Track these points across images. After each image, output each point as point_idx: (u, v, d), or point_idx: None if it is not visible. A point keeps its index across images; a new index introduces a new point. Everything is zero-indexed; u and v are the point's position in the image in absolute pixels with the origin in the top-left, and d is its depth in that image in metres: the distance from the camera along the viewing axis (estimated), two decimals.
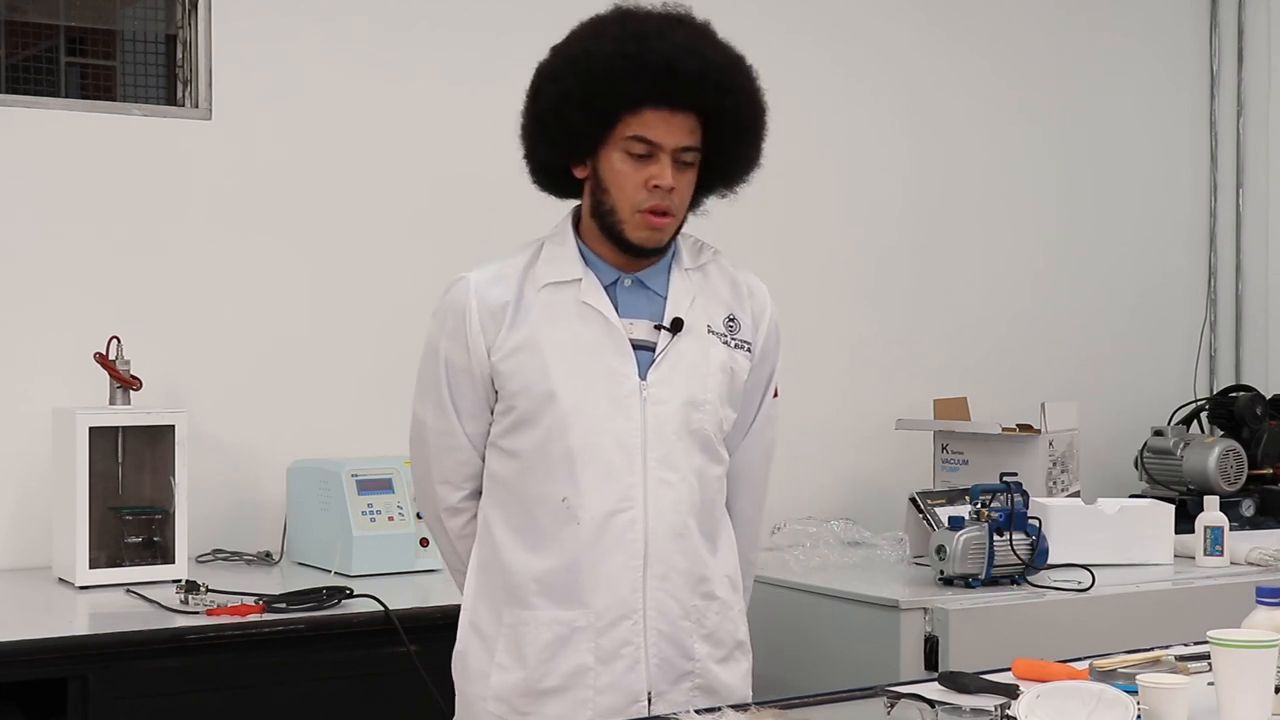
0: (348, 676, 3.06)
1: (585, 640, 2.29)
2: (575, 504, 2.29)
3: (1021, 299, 5.12)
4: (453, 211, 4.11)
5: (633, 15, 2.31)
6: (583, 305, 2.33)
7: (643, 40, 2.25)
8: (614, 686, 2.29)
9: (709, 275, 2.43)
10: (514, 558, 2.33)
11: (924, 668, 3.15)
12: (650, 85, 2.25)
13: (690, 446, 2.34)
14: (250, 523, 3.79)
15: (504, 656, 2.34)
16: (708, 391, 2.35)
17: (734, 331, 2.41)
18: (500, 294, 2.35)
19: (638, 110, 2.27)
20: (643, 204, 2.29)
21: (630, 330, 2.33)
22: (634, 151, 2.28)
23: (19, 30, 3.81)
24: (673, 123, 2.27)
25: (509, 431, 2.34)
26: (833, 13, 4.74)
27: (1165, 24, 5.47)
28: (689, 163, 2.31)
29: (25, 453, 3.58)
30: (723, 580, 2.40)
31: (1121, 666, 2.32)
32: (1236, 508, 4.56)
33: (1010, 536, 3.36)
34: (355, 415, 3.97)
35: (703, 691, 2.35)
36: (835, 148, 4.75)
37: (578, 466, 2.29)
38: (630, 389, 2.30)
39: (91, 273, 3.69)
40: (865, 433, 4.69)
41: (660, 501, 2.30)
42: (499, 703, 2.34)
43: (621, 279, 2.36)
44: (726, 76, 2.30)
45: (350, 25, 4.00)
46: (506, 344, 2.32)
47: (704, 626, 2.36)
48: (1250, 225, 5.49)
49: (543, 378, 2.30)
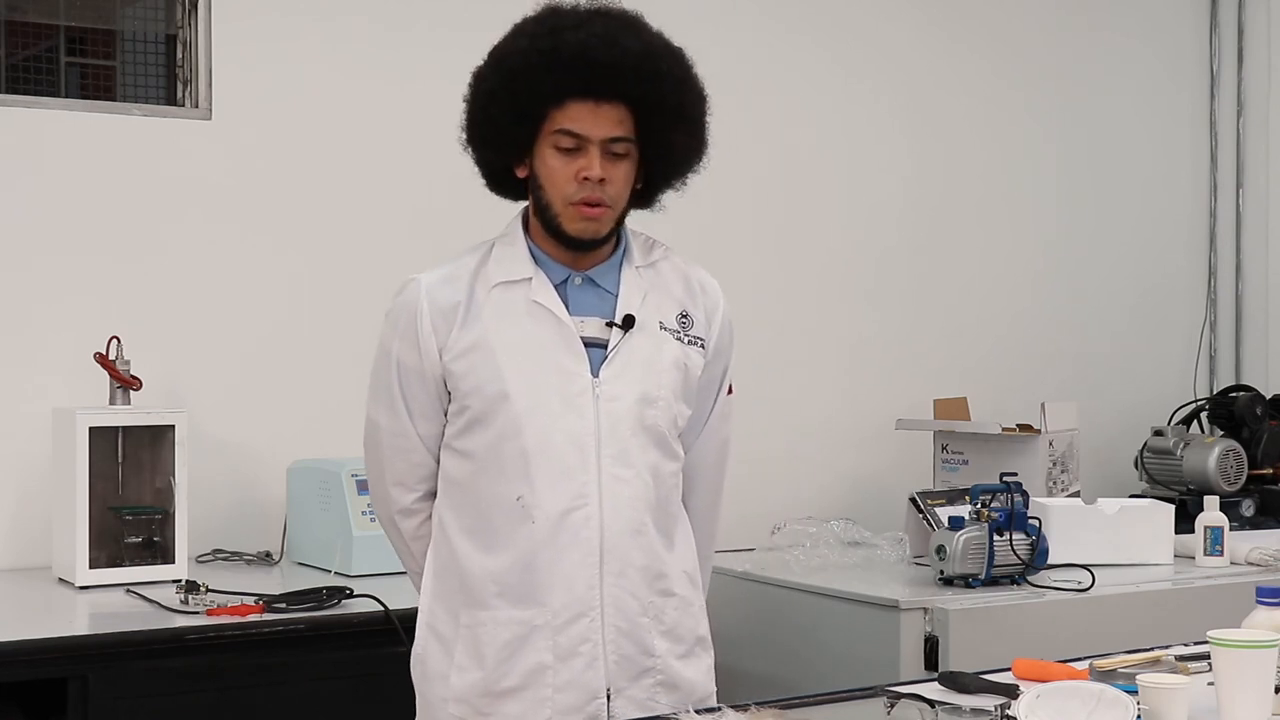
0: (348, 676, 3.06)
1: (543, 639, 2.29)
2: (530, 503, 2.29)
3: (1021, 299, 5.12)
4: (452, 211, 4.10)
5: (555, 11, 2.33)
6: (533, 304, 2.33)
7: (558, 34, 2.27)
8: (573, 684, 2.30)
9: (661, 272, 2.43)
10: (469, 559, 2.33)
11: (924, 668, 3.14)
12: (566, 77, 2.26)
13: (645, 443, 2.34)
14: (250, 523, 3.79)
15: (462, 658, 2.34)
16: (661, 388, 2.35)
17: (687, 328, 2.41)
18: (451, 294, 2.35)
19: (561, 104, 2.28)
20: (574, 196, 2.29)
21: (581, 328, 2.33)
22: (562, 145, 2.29)
23: (19, 30, 3.81)
24: (598, 114, 2.28)
25: (462, 432, 2.35)
26: (833, 13, 4.74)
27: (1165, 24, 5.47)
28: (620, 154, 2.31)
29: (25, 453, 3.58)
30: (680, 576, 2.40)
31: (1121, 666, 2.32)
32: (1236, 508, 4.56)
33: (1010, 536, 3.36)
34: (355, 415, 3.92)
35: (664, 687, 2.35)
36: (835, 148, 4.75)
37: (532, 465, 2.29)
38: (583, 386, 2.31)
39: (91, 273, 3.69)
40: (865, 433, 4.69)
41: (616, 498, 2.31)
42: (459, 704, 2.34)
43: (572, 277, 2.37)
44: (647, 63, 2.28)
45: (350, 25, 4.00)
46: (458, 344, 2.33)
47: (663, 623, 2.36)
48: (1250, 225, 5.49)
49: (495, 377, 2.30)
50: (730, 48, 4.39)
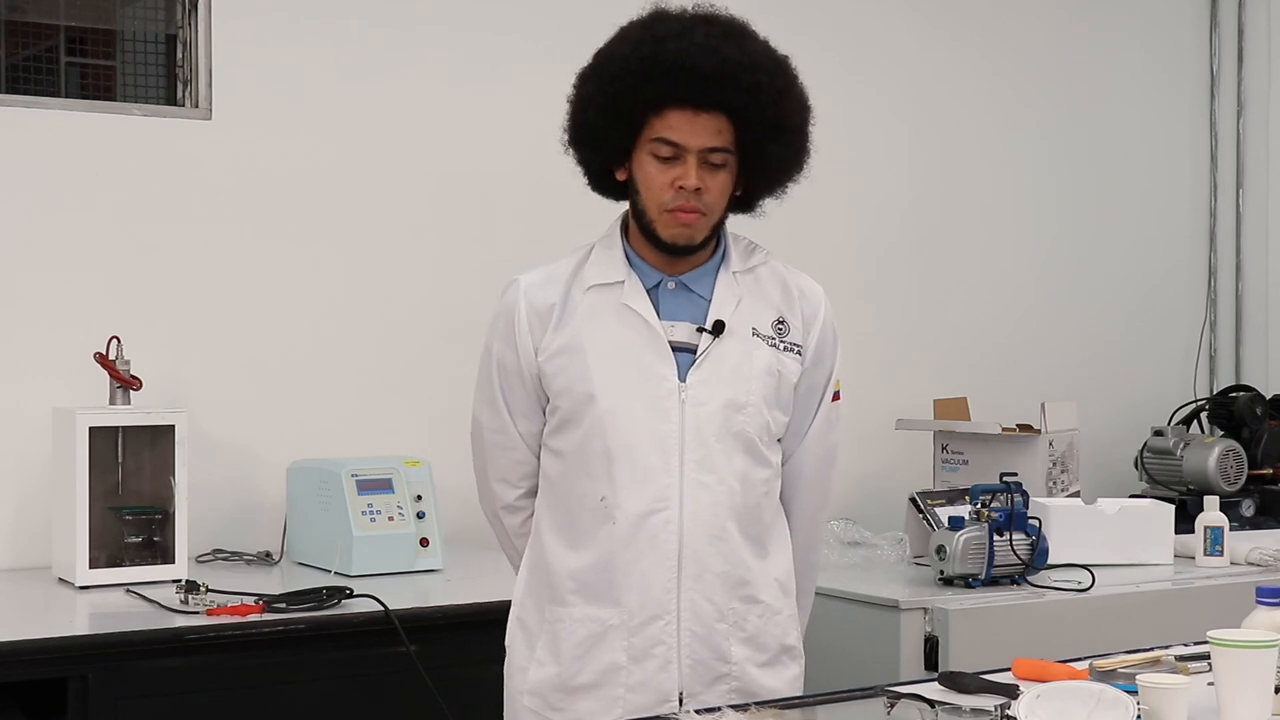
0: (348, 676, 3.06)
1: (618, 638, 2.32)
2: (612, 503, 2.31)
3: (1022, 299, 5.12)
4: (453, 212, 4.11)
5: (660, 18, 2.32)
6: (624, 307, 2.35)
7: (660, 42, 2.27)
8: (645, 685, 2.31)
9: (759, 278, 2.43)
10: (555, 556, 2.37)
11: (924, 668, 3.15)
12: (666, 86, 2.26)
13: (731, 449, 2.34)
14: (250, 523, 3.79)
15: (542, 652, 2.38)
16: (750, 394, 2.35)
17: (783, 334, 2.41)
18: (548, 296, 2.38)
19: (661, 112, 2.28)
20: (669, 204, 2.30)
21: (670, 332, 2.35)
22: (660, 154, 2.29)
23: (19, 30, 3.81)
24: (697, 123, 2.28)
25: (555, 431, 2.38)
26: (834, 12, 4.74)
27: (1165, 24, 5.48)
28: (718, 164, 2.31)
29: (25, 453, 3.58)
30: (770, 584, 2.40)
31: (1121, 666, 2.32)
32: (1236, 508, 4.57)
33: (1010, 536, 3.36)
34: (355, 415, 3.97)
35: (740, 694, 2.35)
36: (837, 148, 4.71)
37: (615, 466, 2.31)
38: (669, 390, 2.32)
39: (91, 273, 3.69)
40: (865, 433, 4.68)
41: (697, 503, 2.32)
42: (534, 697, 2.37)
43: (665, 281, 2.38)
44: (747, 75, 2.28)
45: (350, 26, 4.00)
46: (552, 345, 2.35)
47: (743, 630, 2.36)
48: (1250, 225, 5.49)
49: (583, 379, 2.33)
50: None
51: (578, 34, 2.56)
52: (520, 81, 4.16)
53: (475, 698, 2.76)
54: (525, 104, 4.05)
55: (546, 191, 2.62)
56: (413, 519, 3.50)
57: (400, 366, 4.03)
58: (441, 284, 4.04)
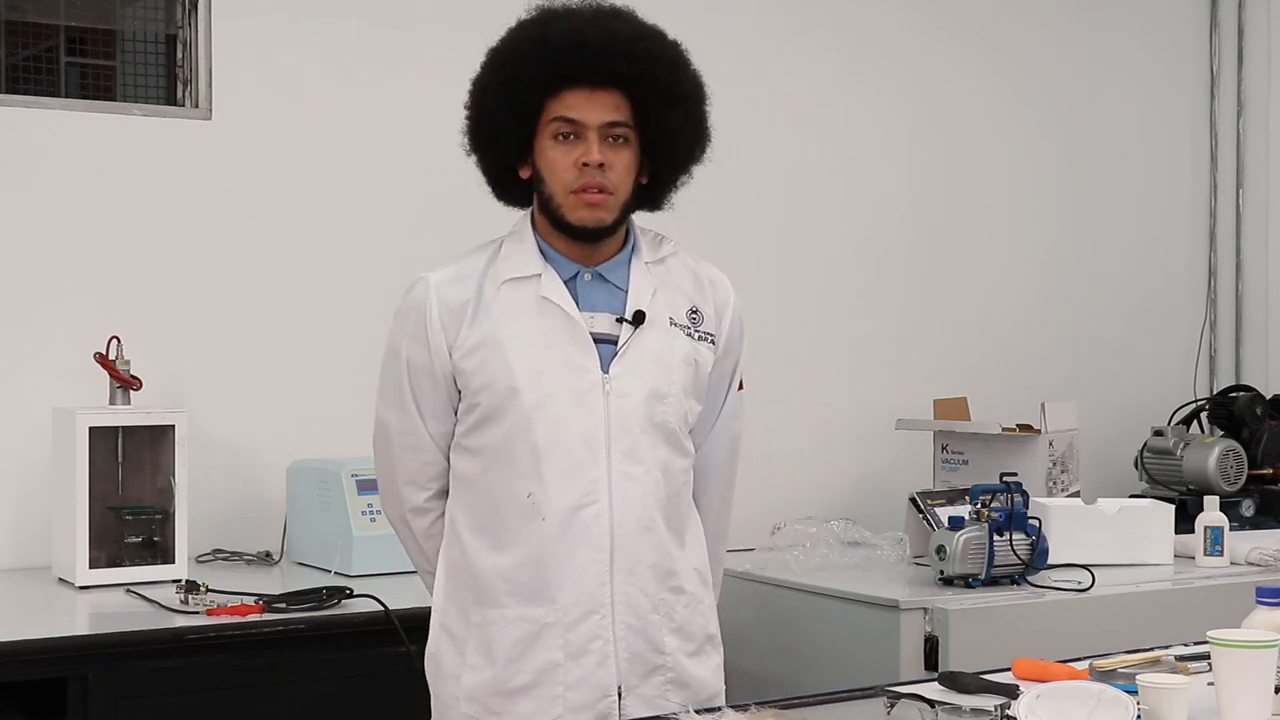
0: (348, 676, 3.06)
1: (554, 636, 2.29)
2: (540, 499, 2.29)
3: (1022, 299, 5.12)
4: (453, 211, 4.09)
5: (547, 7, 2.35)
6: (542, 300, 2.33)
7: (548, 24, 2.29)
8: (584, 682, 2.29)
9: (670, 268, 2.43)
10: (480, 557, 2.33)
11: (924, 668, 3.14)
12: (558, 63, 2.27)
13: (655, 439, 2.34)
14: (250, 523, 3.79)
15: (474, 656, 2.34)
16: (671, 384, 2.35)
17: (697, 324, 2.41)
18: (460, 292, 2.35)
19: (557, 93, 2.28)
20: (574, 184, 2.29)
21: (591, 324, 2.33)
22: (561, 133, 2.29)
23: (19, 30, 3.81)
24: (594, 100, 2.28)
25: (473, 429, 2.35)
26: (834, 12, 4.74)
27: (1165, 24, 5.48)
28: (620, 138, 2.31)
29: (25, 453, 3.58)
30: (691, 573, 2.40)
31: (1121, 666, 2.32)
32: (1236, 508, 4.56)
33: (1010, 536, 3.36)
34: (355, 415, 3.93)
35: (674, 685, 2.35)
36: (836, 148, 4.75)
37: (542, 461, 2.29)
38: (593, 382, 2.31)
39: (91, 273, 3.69)
40: (865, 433, 4.69)
41: (626, 495, 2.31)
42: (471, 703, 2.34)
43: (581, 273, 2.37)
44: (638, 45, 2.29)
45: (350, 26, 4.00)
46: (468, 342, 2.33)
47: (673, 620, 2.36)
48: (1250, 225, 5.49)
49: (505, 374, 2.30)
50: (730, 47, 4.38)
51: None
52: None
53: None
54: None
55: None
56: None
57: None
58: None
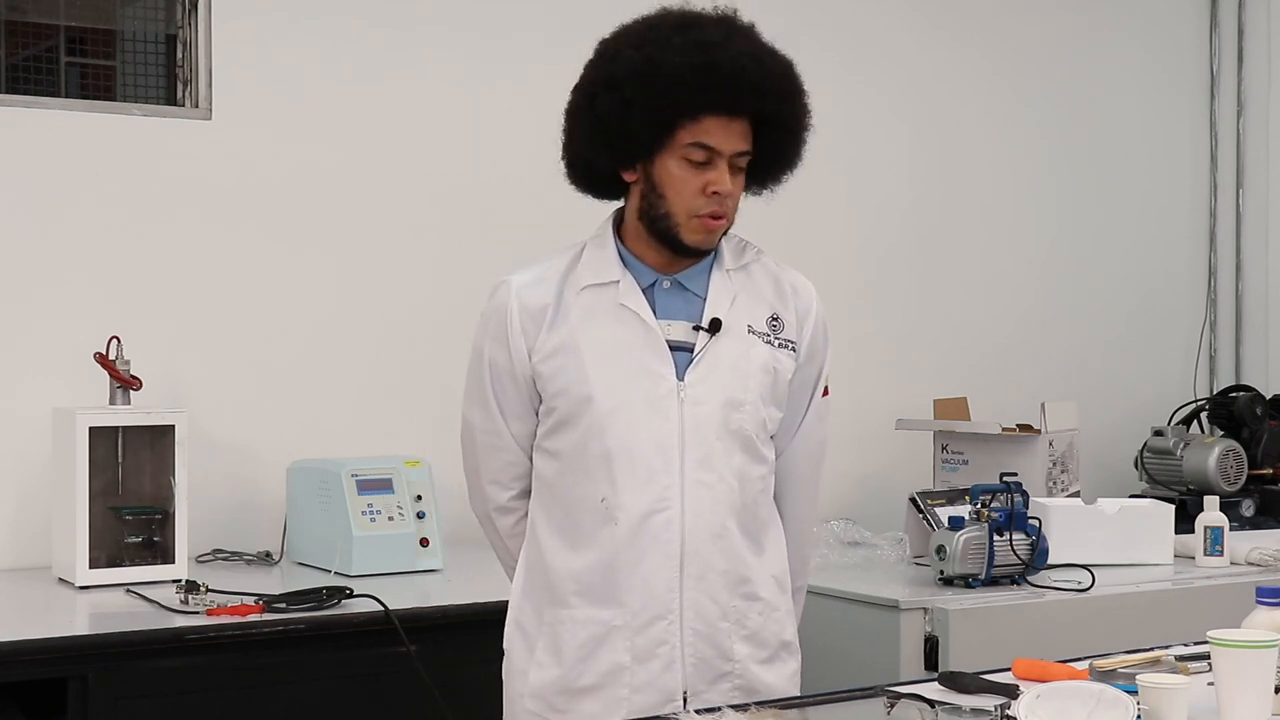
0: (348, 676, 3.06)
1: (621, 639, 2.31)
2: (613, 504, 2.31)
3: (1022, 299, 5.12)
4: (453, 212, 4.11)
5: (691, 22, 2.31)
6: (620, 307, 2.34)
7: (707, 49, 2.26)
8: (649, 685, 2.31)
9: (751, 275, 2.43)
10: (555, 557, 2.36)
11: (924, 668, 3.15)
12: (718, 94, 2.26)
13: (730, 447, 2.34)
14: (250, 523, 3.79)
15: (543, 654, 2.37)
16: (748, 391, 2.36)
17: (777, 331, 2.42)
18: (540, 296, 2.37)
19: (698, 118, 2.27)
20: (700, 209, 2.30)
21: (668, 331, 2.34)
22: (693, 158, 2.29)
23: (19, 30, 3.81)
24: (731, 129, 2.29)
25: (551, 432, 2.37)
26: (834, 12, 4.74)
27: (1165, 24, 5.48)
28: (742, 167, 2.33)
29: (25, 453, 3.58)
30: (768, 581, 2.40)
31: (1121, 666, 2.32)
32: (1236, 508, 4.57)
33: (1010, 536, 3.36)
34: (355, 415, 3.97)
35: (743, 692, 2.35)
36: (837, 148, 4.73)
37: (615, 467, 2.31)
38: (667, 390, 2.32)
39: (91, 273, 3.69)
40: (865, 433, 4.69)
41: (698, 502, 2.32)
42: (535, 699, 2.37)
43: (660, 281, 2.37)
44: (786, 83, 2.33)
45: (350, 26, 4.00)
46: (546, 346, 2.35)
47: (745, 627, 2.37)
48: (1250, 225, 5.49)
49: (580, 379, 2.32)
50: None
51: (578, 34, 2.56)
52: (520, 81, 4.16)
53: (475, 698, 2.75)
54: (525, 104, 4.05)
55: (546, 191, 2.61)
56: (413, 519, 3.50)
57: (400, 367, 4.03)
58: (441, 284, 4.04)
